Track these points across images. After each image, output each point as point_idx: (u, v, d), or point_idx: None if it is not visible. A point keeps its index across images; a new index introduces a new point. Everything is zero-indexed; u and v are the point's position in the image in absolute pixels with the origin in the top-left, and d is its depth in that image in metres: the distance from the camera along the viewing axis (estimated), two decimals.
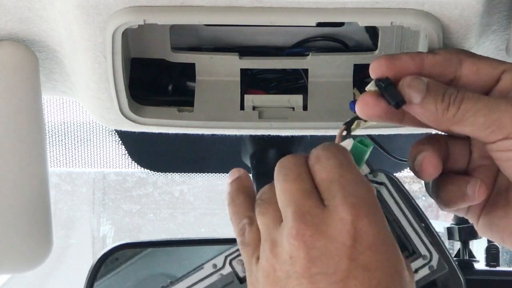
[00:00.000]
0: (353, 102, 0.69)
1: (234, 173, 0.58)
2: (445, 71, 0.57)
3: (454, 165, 0.60)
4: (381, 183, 0.56)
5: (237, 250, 0.56)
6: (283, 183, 0.53)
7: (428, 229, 0.56)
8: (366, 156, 0.55)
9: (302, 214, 0.51)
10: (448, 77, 0.57)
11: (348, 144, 0.56)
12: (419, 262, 0.55)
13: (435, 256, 0.55)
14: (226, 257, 0.56)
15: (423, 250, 0.55)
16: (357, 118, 0.58)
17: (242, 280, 0.55)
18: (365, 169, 0.56)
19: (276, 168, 0.54)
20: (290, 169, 0.54)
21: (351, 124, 0.59)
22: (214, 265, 0.55)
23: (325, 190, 0.52)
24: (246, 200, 0.56)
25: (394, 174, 0.58)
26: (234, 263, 0.56)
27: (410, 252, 0.56)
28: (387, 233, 0.51)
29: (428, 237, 0.55)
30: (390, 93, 0.55)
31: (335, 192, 0.51)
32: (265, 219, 0.53)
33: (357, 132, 0.59)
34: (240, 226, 0.55)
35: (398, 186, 0.56)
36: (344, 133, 0.58)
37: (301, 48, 0.71)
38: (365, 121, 0.58)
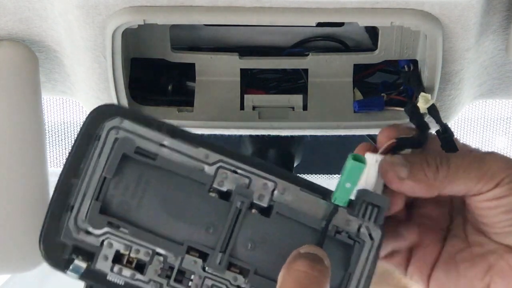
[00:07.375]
0: (358, 103, 0.69)
1: None
2: None
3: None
4: (372, 239, 0.51)
5: (236, 166, 0.48)
6: None
7: None
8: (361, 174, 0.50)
9: None
10: None
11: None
12: None
13: None
14: (221, 160, 0.48)
15: None
16: (413, 146, 0.54)
17: (213, 191, 0.48)
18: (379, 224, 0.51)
19: None
20: None
21: (402, 149, 0.54)
22: (206, 156, 0.48)
23: None
24: None
25: None
26: (220, 171, 0.48)
27: None
28: None
29: None
30: None
31: None
32: None
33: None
34: None
35: (378, 251, 0.51)
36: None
37: (301, 48, 0.71)
38: (418, 147, 0.55)
